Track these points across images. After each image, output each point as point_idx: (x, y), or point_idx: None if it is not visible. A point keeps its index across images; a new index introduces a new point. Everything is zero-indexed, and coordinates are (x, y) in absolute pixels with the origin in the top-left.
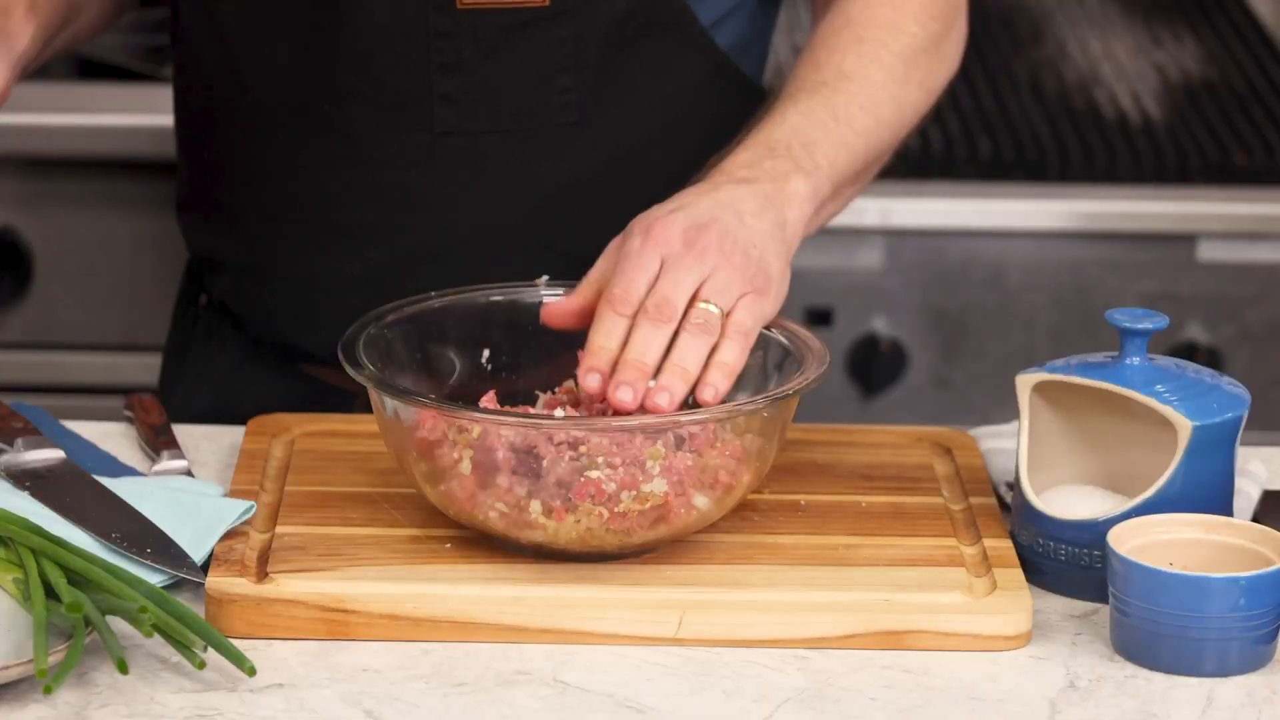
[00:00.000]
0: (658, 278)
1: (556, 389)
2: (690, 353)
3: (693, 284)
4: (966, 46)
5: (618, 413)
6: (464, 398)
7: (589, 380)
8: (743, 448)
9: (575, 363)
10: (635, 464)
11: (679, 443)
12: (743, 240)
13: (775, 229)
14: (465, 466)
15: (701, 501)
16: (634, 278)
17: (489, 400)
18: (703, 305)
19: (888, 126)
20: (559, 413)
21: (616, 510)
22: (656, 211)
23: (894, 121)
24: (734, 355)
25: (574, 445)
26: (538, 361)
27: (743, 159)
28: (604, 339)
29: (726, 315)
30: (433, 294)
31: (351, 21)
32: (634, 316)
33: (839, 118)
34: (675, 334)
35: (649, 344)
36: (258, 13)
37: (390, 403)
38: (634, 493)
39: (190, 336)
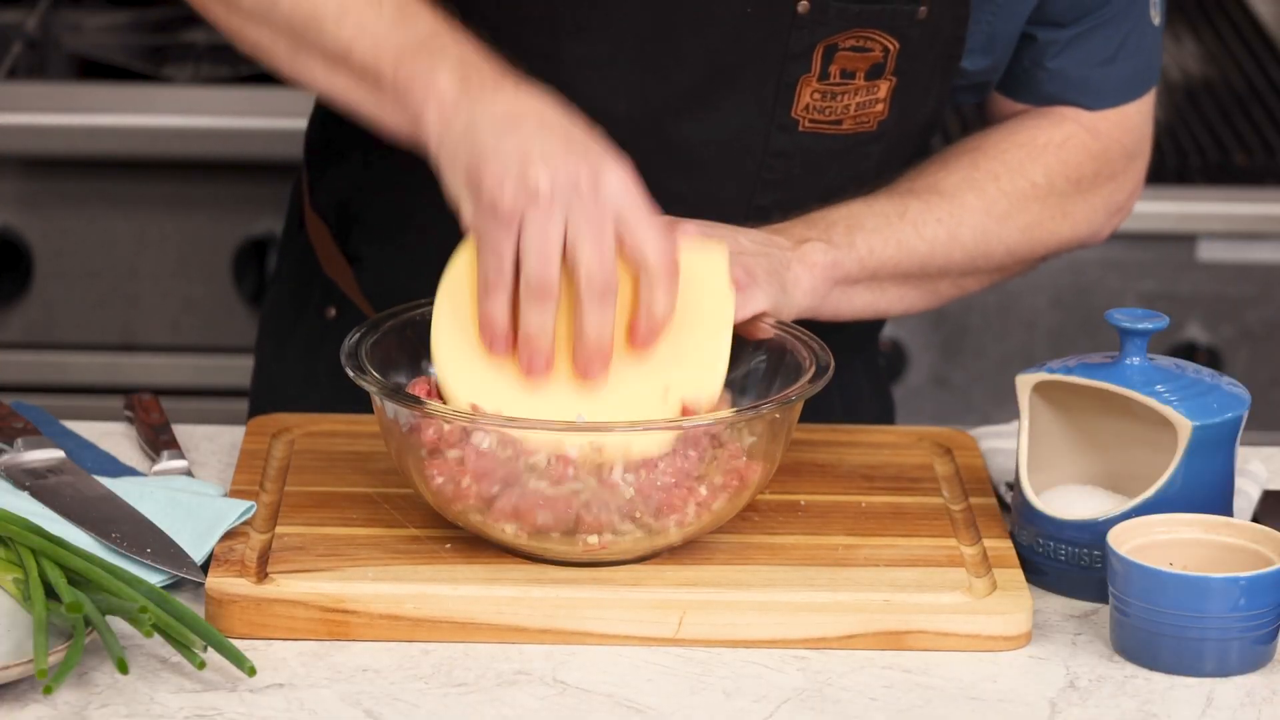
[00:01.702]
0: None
1: None
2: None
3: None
4: None
5: None
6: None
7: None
8: (746, 451)
9: None
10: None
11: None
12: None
13: (769, 255)
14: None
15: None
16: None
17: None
18: None
19: (963, 248)
20: (582, 416)
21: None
22: None
23: (974, 247)
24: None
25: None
26: None
27: (780, 224)
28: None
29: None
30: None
31: (694, 132)
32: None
33: (905, 217)
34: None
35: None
36: (587, 110)
37: (391, 407)
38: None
39: (318, 356)
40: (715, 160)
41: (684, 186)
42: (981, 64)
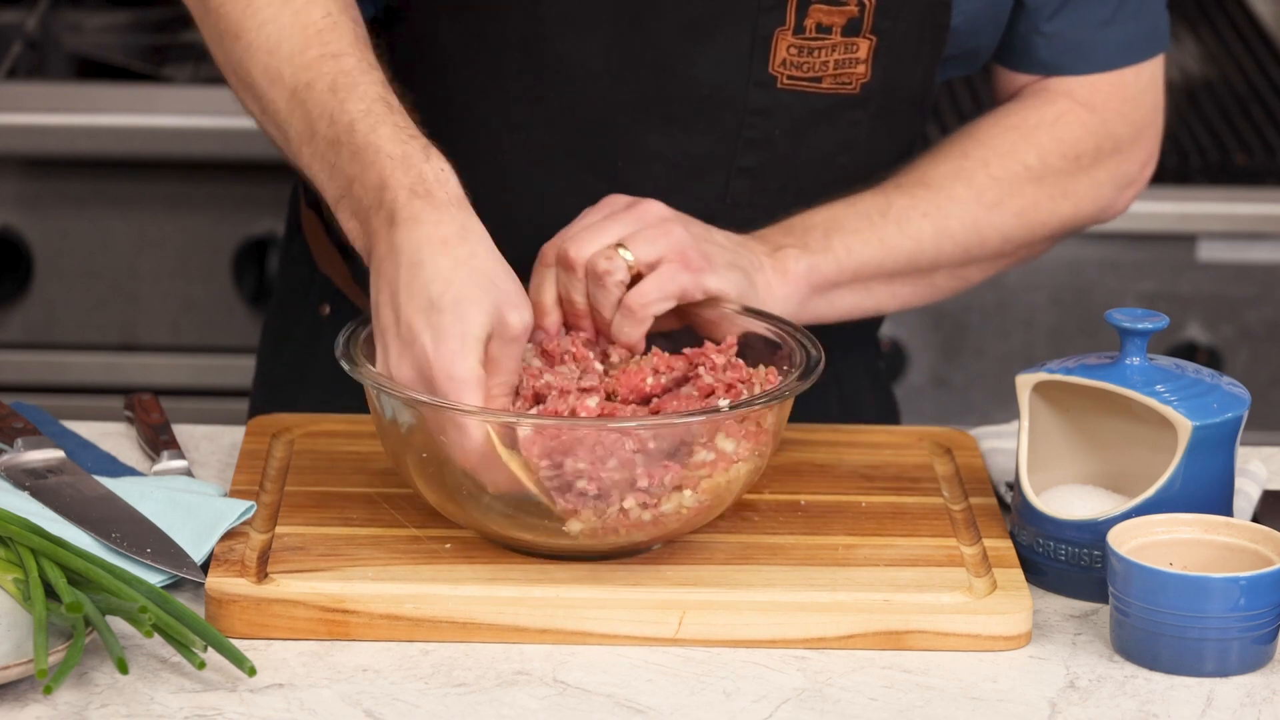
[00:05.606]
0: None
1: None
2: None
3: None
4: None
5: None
6: None
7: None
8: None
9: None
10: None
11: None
12: (696, 234)
13: (739, 253)
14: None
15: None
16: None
17: None
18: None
19: (952, 240)
20: (592, 401)
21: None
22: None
23: (964, 239)
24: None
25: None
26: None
27: (760, 231)
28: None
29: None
30: None
31: (673, 88)
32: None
33: (888, 216)
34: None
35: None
36: (565, 67)
37: (389, 403)
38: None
39: (314, 352)
40: (695, 117)
41: (664, 144)
42: (971, 10)
